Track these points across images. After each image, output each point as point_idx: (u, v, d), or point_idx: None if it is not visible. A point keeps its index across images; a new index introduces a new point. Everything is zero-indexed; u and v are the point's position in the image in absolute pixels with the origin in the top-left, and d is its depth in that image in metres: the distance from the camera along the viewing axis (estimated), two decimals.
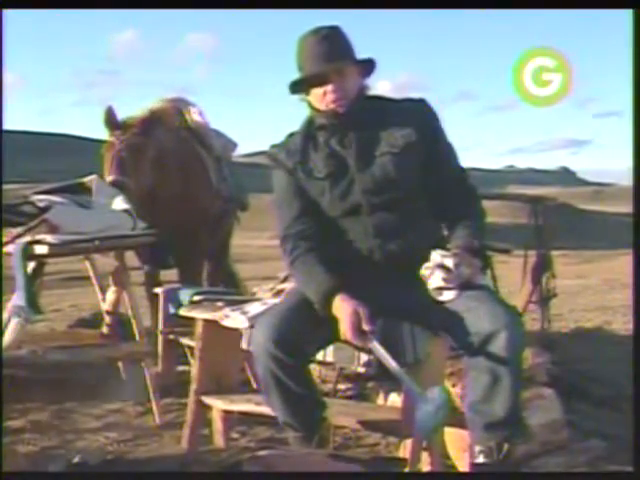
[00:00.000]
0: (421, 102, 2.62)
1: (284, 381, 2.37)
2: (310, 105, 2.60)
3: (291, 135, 2.68)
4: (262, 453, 2.22)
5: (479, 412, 2.38)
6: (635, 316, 2.53)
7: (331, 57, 2.51)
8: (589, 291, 12.58)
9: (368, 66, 2.59)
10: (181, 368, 4.24)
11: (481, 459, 2.38)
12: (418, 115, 2.57)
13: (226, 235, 5.34)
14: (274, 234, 2.81)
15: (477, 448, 2.40)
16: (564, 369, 3.90)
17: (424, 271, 2.43)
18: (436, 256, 2.44)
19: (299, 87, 2.59)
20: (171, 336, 4.18)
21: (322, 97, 2.53)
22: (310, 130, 2.63)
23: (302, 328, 2.38)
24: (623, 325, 6.74)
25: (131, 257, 4.34)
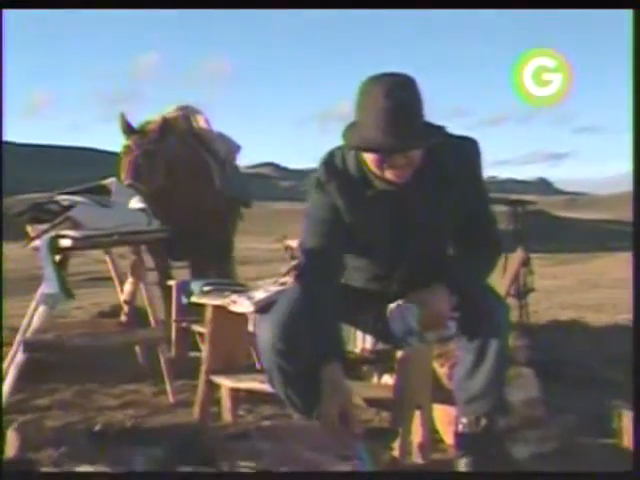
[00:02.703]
0: (475, 146, 2.33)
1: (288, 371, 2.32)
2: (362, 156, 2.22)
3: (343, 163, 2.29)
4: (266, 423, 2.24)
5: (462, 388, 2.40)
6: (635, 315, 2.46)
7: (402, 136, 2.07)
8: (564, 290, 12.63)
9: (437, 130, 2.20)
10: (193, 354, 4.26)
11: (462, 430, 2.41)
12: (471, 163, 2.32)
13: (231, 231, 5.36)
14: (277, 238, 2.76)
15: (460, 420, 2.44)
16: (540, 353, 3.92)
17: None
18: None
19: (353, 142, 2.18)
20: (184, 324, 4.22)
21: (379, 162, 2.16)
22: (363, 178, 2.26)
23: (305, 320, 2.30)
24: (595, 319, 6.78)
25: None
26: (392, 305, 2.32)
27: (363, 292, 2.47)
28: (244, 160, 5.48)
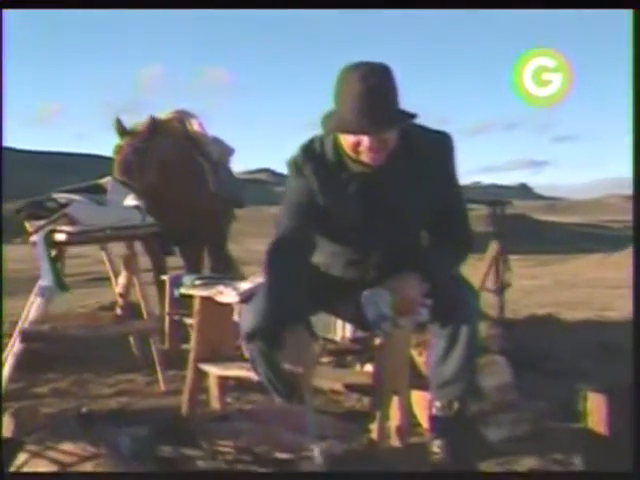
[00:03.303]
0: (448, 140, 2.31)
1: (270, 356, 2.28)
2: (338, 140, 2.23)
3: (321, 147, 2.30)
4: (248, 407, 2.22)
5: (435, 372, 2.40)
6: (635, 314, 2.41)
7: (377, 118, 2.08)
8: (542, 290, 12.66)
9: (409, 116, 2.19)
10: (185, 346, 4.23)
11: (436, 413, 2.40)
12: (444, 156, 2.31)
13: (224, 229, 5.34)
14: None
15: (434, 404, 2.43)
16: (514, 344, 3.91)
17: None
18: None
19: (330, 126, 2.20)
20: (176, 317, 4.20)
21: (354, 145, 2.16)
22: (339, 161, 2.26)
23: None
24: (570, 316, 6.78)
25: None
26: (365, 292, 2.29)
27: (341, 280, 2.45)
28: (241, 166, 5.47)
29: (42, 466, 1.59)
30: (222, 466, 1.78)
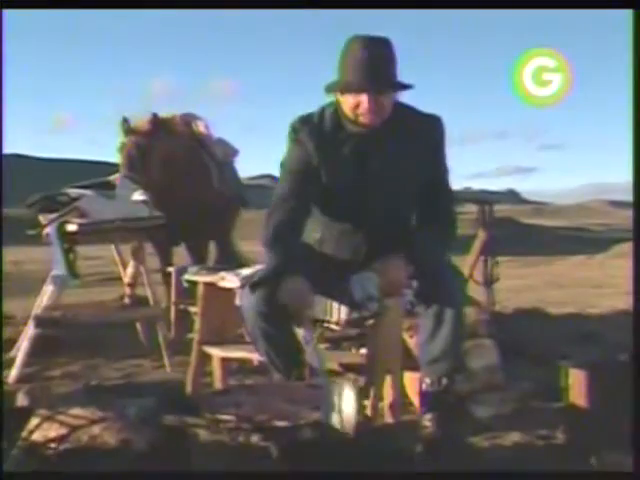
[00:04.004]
0: (438, 122, 2.38)
1: (271, 334, 2.34)
2: (339, 105, 2.31)
3: (320, 115, 2.35)
4: (249, 382, 2.22)
5: (423, 351, 2.41)
6: (635, 314, 2.40)
7: (376, 78, 2.18)
8: (530, 289, 12.68)
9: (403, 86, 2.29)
10: (191, 335, 4.23)
11: (426, 389, 2.41)
12: (433, 135, 2.36)
13: (229, 226, 5.32)
14: None
15: (424, 381, 2.43)
16: (502, 331, 3.90)
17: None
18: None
19: (333, 87, 2.29)
20: (182, 306, 4.19)
21: (354, 106, 2.23)
22: (336, 123, 2.32)
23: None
24: (555, 312, 6.78)
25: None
26: (354, 276, 2.31)
27: (335, 260, 2.46)
28: (244, 172, 5.45)
29: (53, 429, 1.60)
30: (223, 434, 1.77)
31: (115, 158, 4.48)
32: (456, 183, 2.58)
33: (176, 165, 4.48)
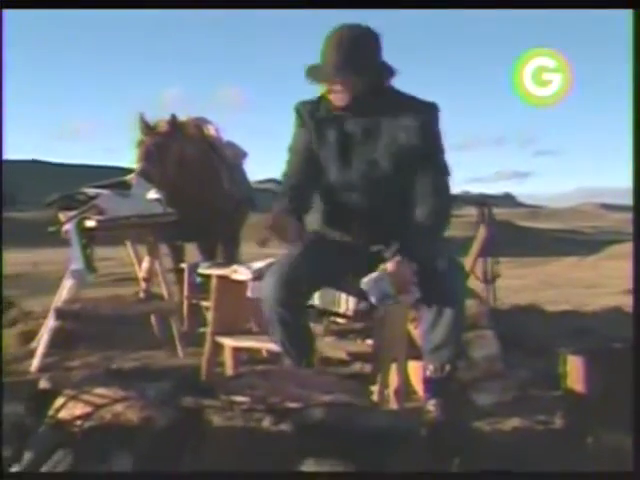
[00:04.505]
0: (428, 106, 2.40)
1: (287, 321, 2.37)
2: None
3: (318, 99, 2.44)
4: (261, 367, 2.23)
5: (426, 339, 2.43)
6: (635, 312, 2.39)
7: (341, 66, 2.26)
8: (526, 288, 12.70)
9: (382, 70, 2.34)
10: (202, 330, 4.24)
11: (430, 375, 2.42)
12: (421, 124, 2.35)
13: (238, 226, 5.33)
14: (279, 245, 2.78)
15: (427, 368, 2.44)
16: (501, 324, 3.91)
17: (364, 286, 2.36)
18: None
19: (312, 73, 2.35)
20: (194, 301, 4.20)
21: (329, 91, 2.35)
22: (327, 107, 2.41)
23: (303, 274, 2.37)
24: (551, 309, 6.78)
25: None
26: (365, 279, 2.34)
27: (337, 248, 2.48)
28: (250, 176, 5.46)
29: (78, 408, 1.61)
30: (238, 416, 1.78)
31: (127, 163, 4.48)
32: (455, 187, 2.59)
33: (189, 166, 4.49)
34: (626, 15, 2.46)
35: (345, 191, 2.45)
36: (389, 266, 2.31)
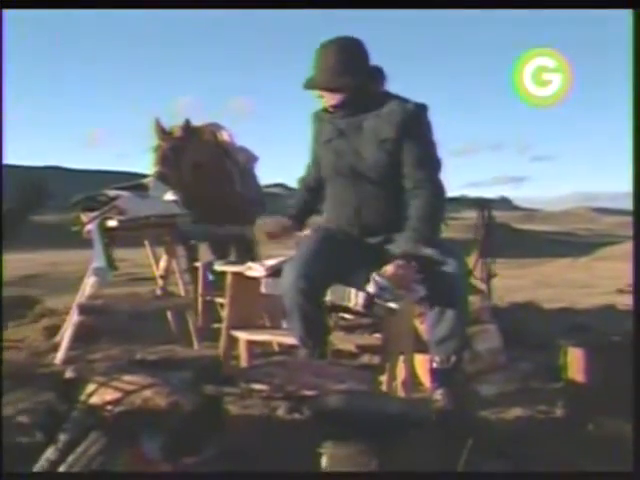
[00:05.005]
0: (409, 110, 2.45)
1: (306, 310, 2.40)
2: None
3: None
4: (279, 358, 2.25)
5: (432, 332, 2.44)
6: (635, 312, 2.39)
7: (316, 76, 2.46)
8: (522, 289, 12.70)
9: (373, 73, 2.49)
10: (216, 325, 4.25)
11: (436, 366, 2.43)
12: (401, 119, 2.43)
13: (249, 227, 5.35)
14: (285, 245, 2.89)
15: (434, 359, 2.45)
16: (501, 320, 3.92)
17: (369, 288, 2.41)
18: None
19: (310, 83, 2.52)
20: (208, 298, 4.22)
21: (322, 94, 2.50)
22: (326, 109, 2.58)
23: (320, 267, 2.41)
24: (547, 307, 6.79)
25: None
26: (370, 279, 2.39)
27: (345, 245, 2.52)
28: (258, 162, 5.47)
29: (108, 394, 1.63)
30: (256, 404, 1.80)
31: (143, 168, 4.50)
32: (453, 191, 2.61)
33: (204, 169, 4.51)
34: (626, 15, 2.42)
35: (337, 182, 2.57)
36: (389, 269, 2.35)
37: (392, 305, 2.36)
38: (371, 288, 2.41)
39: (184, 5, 2.93)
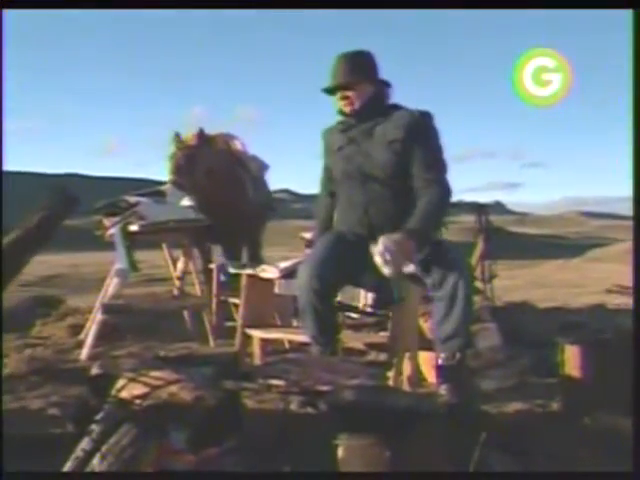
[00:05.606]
0: (415, 114, 2.48)
1: (318, 307, 2.40)
2: None
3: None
4: (293, 355, 2.26)
5: (438, 330, 2.43)
6: (635, 313, 2.38)
7: (339, 76, 2.52)
8: (517, 289, 12.69)
9: (380, 82, 2.54)
10: (229, 324, 4.26)
11: (442, 363, 2.43)
12: (407, 122, 2.46)
13: (260, 231, 5.37)
14: (291, 248, 2.89)
15: (440, 356, 2.45)
16: (498, 319, 3.92)
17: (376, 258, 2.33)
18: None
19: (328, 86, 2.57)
20: (222, 298, 4.24)
21: (337, 100, 2.56)
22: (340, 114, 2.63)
23: (332, 268, 2.41)
24: (541, 306, 6.78)
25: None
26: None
27: (355, 242, 2.52)
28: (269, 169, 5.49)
29: (137, 389, 1.65)
30: (273, 399, 1.81)
31: (159, 176, 4.52)
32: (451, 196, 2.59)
33: (217, 176, 4.53)
34: (626, 15, 2.35)
35: (347, 185, 2.57)
36: (397, 235, 2.29)
37: (385, 270, 2.29)
38: (378, 246, 2.36)
39: (184, 5, 2.88)
